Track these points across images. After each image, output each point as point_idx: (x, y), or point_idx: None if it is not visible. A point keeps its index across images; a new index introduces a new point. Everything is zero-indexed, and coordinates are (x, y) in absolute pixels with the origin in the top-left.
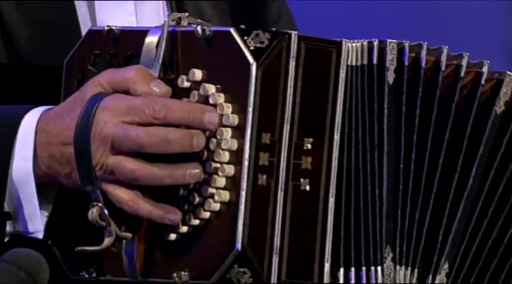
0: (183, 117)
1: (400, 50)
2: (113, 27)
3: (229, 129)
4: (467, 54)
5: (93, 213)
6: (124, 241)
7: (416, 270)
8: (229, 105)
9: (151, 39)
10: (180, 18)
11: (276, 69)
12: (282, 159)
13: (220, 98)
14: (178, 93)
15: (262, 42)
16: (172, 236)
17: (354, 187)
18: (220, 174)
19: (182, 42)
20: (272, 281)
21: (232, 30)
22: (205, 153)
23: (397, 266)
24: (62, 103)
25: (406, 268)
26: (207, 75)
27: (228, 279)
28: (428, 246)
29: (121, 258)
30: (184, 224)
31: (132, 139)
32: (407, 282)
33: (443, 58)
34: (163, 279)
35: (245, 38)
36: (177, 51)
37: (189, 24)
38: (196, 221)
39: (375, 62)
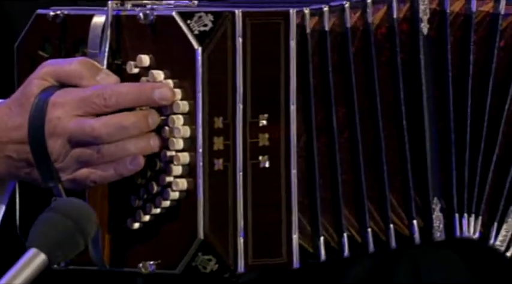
0: (135, 99)
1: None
2: (58, 12)
3: (180, 116)
4: None
5: None
6: None
7: (480, 217)
8: (179, 91)
9: (96, 24)
10: (123, 1)
11: (223, 51)
12: (237, 140)
13: (169, 84)
14: (127, 79)
15: (205, 25)
16: (136, 225)
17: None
18: (175, 162)
19: (128, 27)
20: (239, 264)
21: (174, 14)
22: (160, 140)
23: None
24: (8, 100)
25: (470, 215)
26: (154, 61)
27: (194, 267)
28: (493, 194)
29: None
30: (145, 213)
31: (88, 133)
32: (472, 229)
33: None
34: (131, 268)
35: (188, 22)
36: (123, 35)
37: (133, 6)
38: (157, 210)
39: (347, 25)
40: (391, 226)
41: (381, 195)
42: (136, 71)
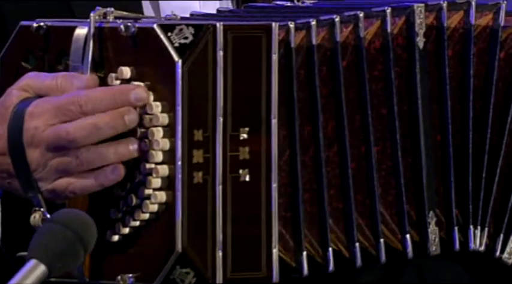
0: (111, 103)
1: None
2: (41, 23)
3: (160, 129)
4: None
5: (35, 218)
6: None
7: (486, 229)
8: (159, 104)
9: (79, 36)
10: (105, 13)
11: (203, 64)
12: (217, 153)
13: (150, 97)
14: None
15: (186, 38)
16: (115, 237)
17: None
18: (154, 175)
19: (110, 39)
20: (217, 278)
21: (155, 26)
22: (139, 153)
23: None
24: None
25: (476, 228)
26: (135, 73)
27: (171, 280)
28: (499, 206)
29: None
30: (124, 225)
31: (63, 137)
32: (478, 242)
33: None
34: (110, 281)
35: (169, 34)
36: (106, 47)
37: (115, 19)
38: (136, 223)
39: (337, 39)
40: (381, 240)
41: (372, 210)
42: (117, 82)
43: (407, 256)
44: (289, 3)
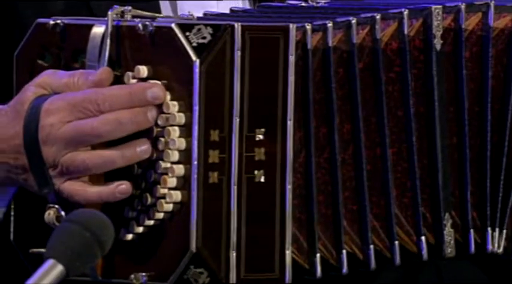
0: (128, 102)
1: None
2: (58, 21)
3: (176, 128)
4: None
5: (49, 214)
6: None
7: (504, 231)
8: (175, 103)
9: (95, 34)
10: (123, 12)
11: (221, 64)
12: (233, 154)
13: (166, 96)
14: None
15: (204, 37)
16: (129, 236)
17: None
18: (170, 174)
19: (127, 37)
20: (231, 278)
21: (173, 25)
22: (155, 152)
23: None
24: (5, 106)
25: (493, 230)
26: (152, 72)
27: (185, 280)
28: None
29: None
30: (139, 224)
31: (88, 132)
32: (496, 244)
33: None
34: (122, 280)
35: (187, 33)
36: (123, 46)
37: (133, 17)
38: (150, 222)
39: (354, 41)
40: (396, 242)
41: (387, 212)
42: (134, 81)
43: (422, 258)
44: (303, 3)
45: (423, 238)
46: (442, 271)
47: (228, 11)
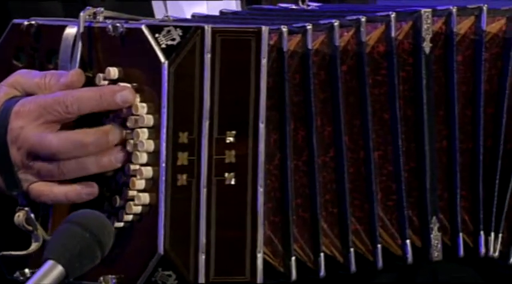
0: (97, 105)
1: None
2: (32, 22)
3: (145, 130)
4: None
5: (19, 217)
6: None
7: (500, 235)
8: (145, 105)
9: (68, 35)
10: (95, 13)
11: (190, 66)
12: (202, 156)
13: (136, 98)
14: None
15: (173, 39)
16: None
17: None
18: (138, 176)
19: (99, 39)
20: (200, 281)
21: (143, 27)
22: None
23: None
24: None
25: (488, 234)
26: (123, 74)
27: (153, 282)
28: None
29: None
30: None
31: (46, 148)
32: (492, 248)
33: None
34: (92, 282)
35: (156, 35)
36: (94, 47)
37: (105, 19)
38: (120, 224)
39: (336, 43)
40: (379, 246)
41: (370, 215)
42: (105, 83)
43: (407, 261)
44: (294, 6)
45: (408, 241)
46: (438, 272)
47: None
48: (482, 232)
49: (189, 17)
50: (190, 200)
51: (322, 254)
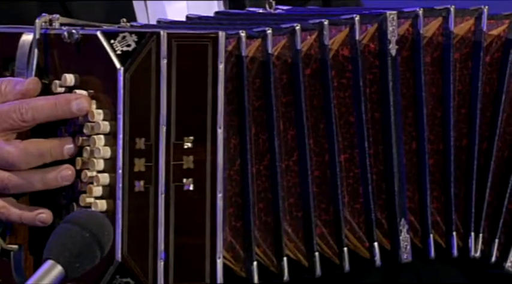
0: (52, 113)
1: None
2: None
3: (101, 137)
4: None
5: None
6: (12, 253)
7: (481, 235)
8: (101, 111)
9: (24, 42)
10: (51, 20)
11: (146, 72)
12: (160, 162)
13: (92, 105)
14: None
15: (129, 45)
16: None
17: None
18: (95, 183)
19: (55, 46)
20: None
21: (98, 33)
22: (80, 161)
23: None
24: None
25: (468, 235)
26: (79, 80)
27: None
28: (493, 211)
29: (10, 268)
30: None
31: (4, 158)
32: (473, 248)
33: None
34: None
35: (112, 41)
36: (51, 54)
37: (61, 25)
38: None
39: (298, 47)
40: (345, 249)
41: (335, 218)
42: (61, 90)
43: (375, 264)
44: (261, 10)
45: (376, 244)
46: (421, 273)
47: (210, 13)
48: (454, 233)
49: (170, 15)
50: (148, 206)
51: (285, 259)
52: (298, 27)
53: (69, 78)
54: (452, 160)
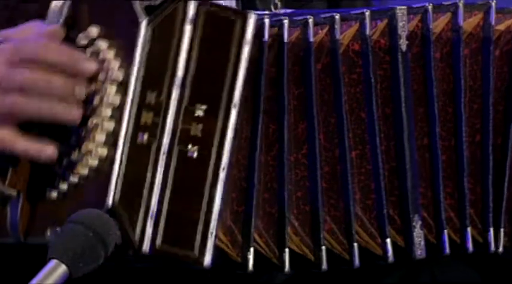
0: (64, 61)
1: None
2: None
3: (114, 86)
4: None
5: None
6: (9, 204)
7: (502, 230)
8: (118, 60)
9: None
10: None
11: (169, 30)
12: (167, 120)
13: (110, 54)
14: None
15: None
16: (54, 194)
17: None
18: (99, 129)
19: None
20: (145, 245)
21: None
22: (89, 108)
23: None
24: None
25: (487, 229)
26: (104, 32)
27: None
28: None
29: (4, 218)
30: (63, 180)
31: (17, 79)
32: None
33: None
34: (39, 237)
35: None
36: (81, 8)
37: None
38: (75, 178)
39: (310, 39)
40: (355, 244)
41: (346, 214)
42: (85, 42)
43: (387, 260)
44: (267, 12)
45: (388, 240)
46: (436, 273)
47: None
48: (469, 228)
49: None
50: (147, 163)
51: (287, 250)
52: (311, 20)
53: (93, 30)
54: (465, 156)
